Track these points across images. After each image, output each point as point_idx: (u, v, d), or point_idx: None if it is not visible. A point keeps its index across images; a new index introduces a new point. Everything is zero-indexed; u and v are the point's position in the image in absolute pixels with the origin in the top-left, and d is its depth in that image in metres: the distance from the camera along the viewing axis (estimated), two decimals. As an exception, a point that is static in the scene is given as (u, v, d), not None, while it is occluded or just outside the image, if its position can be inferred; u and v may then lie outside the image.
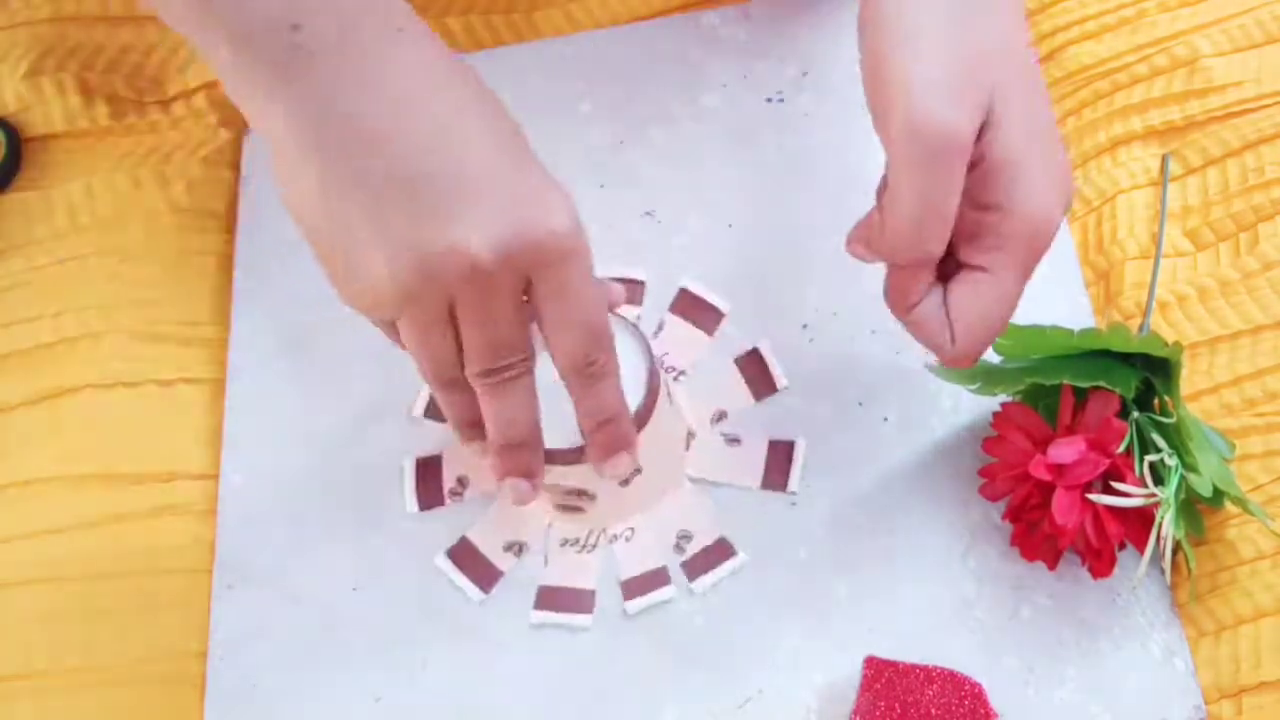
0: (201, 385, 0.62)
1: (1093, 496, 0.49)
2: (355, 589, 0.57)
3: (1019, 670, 0.52)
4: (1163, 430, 0.51)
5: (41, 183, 0.67)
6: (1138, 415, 0.51)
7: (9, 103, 0.68)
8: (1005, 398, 0.54)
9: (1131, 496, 0.49)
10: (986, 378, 0.53)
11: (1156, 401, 0.53)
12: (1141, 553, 0.50)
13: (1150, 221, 0.59)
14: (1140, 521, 0.50)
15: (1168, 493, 0.49)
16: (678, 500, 0.57)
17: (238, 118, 0.68)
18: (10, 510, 0.60)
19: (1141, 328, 0.56)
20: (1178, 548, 0.50)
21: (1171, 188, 0.60)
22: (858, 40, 0.46)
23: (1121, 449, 0.50)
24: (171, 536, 0.59)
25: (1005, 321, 0.47)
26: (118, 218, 0.66)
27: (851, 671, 0.52)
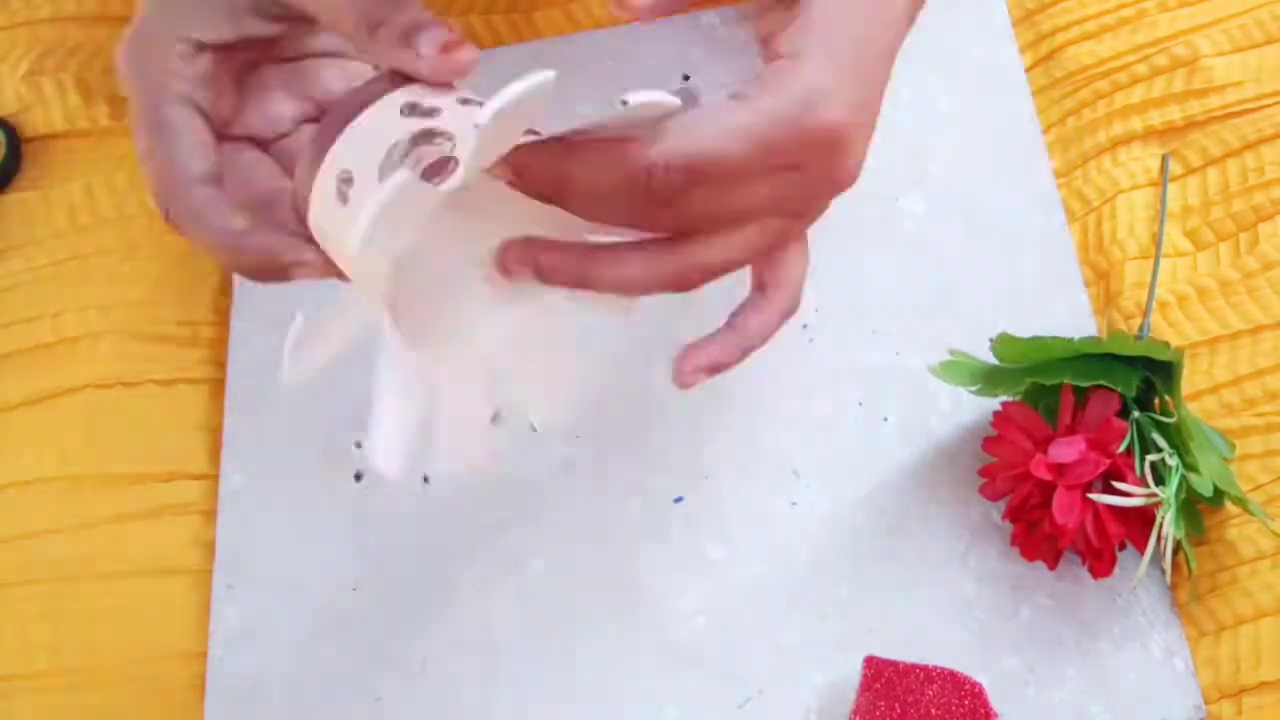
0: (201, 385, 0.62)
1: (1093, 496, 0.49)
2: (355, 589, 0.57)
3: (1019, 670, 0.52)
4: (1163, 430, 0.51)
5: (41, 183, 0.67)
6: (1138, 415, 0.51)
7: (9, 103, 0.68)
8: (1005, 397, 0.54)
9: (1132, 496, 0.49)
10: (987, 378, 0.53)
11: (1157, 401, 0.53)
12: (1142, 553, 0.50)
13: (1150, 221, 0.59)
14: (1140, 521, 0.50)
15: (1168, 492, 0.49)
16: None
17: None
18: (10, 510, 0.60)
19: (1142, 328, 0.56)
20: (1178, 548, 0.50)
21: (1171, 188, 0.60)
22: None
23: (1122, 449, 0.50)
24: (171, 536, 0.59)
25: None
26: (118, 218, 0.66)
27: (851, 671, 0.52)
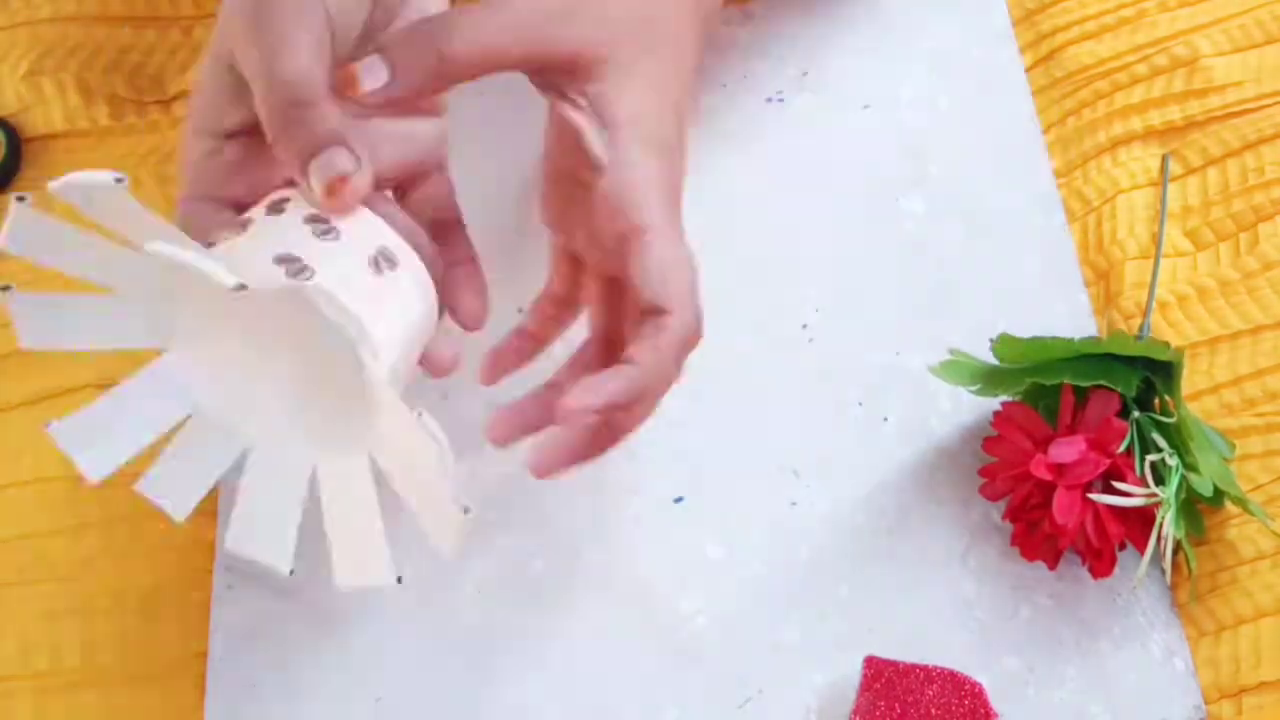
0: (201, 385, 0.62)
1: (1093, 496, 0.49)
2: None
3: (1019, 670, 0.52)
4: (1163, 430, 0.51)
5: (41, 183, 0.67)
6: (1138, 415, 0.51)
7: (9, 103, 0.68)
8: (1005, 397, 0.54)
9: (1132, 496, 0.49)
10: (987, 379, 0.53)
11: (1157, 401, 0.53)
12: (1141, 553, 0.50)
13: (1150, 221, 0.59)
14: (1140, 521, 0.50)
15: (1168, 492, 0.49)
16: None
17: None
18: (10, 510, 0.60)
19: (1142, 328, 0.56)
20: (1178, 548, 0.50)
21: (1171, 188, 0.60)
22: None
23: (1122, 448, 0.50)
24: (171, 536, 0.59)
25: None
26: (118, 218, 0.66)
27: (851, 671, 0.52)
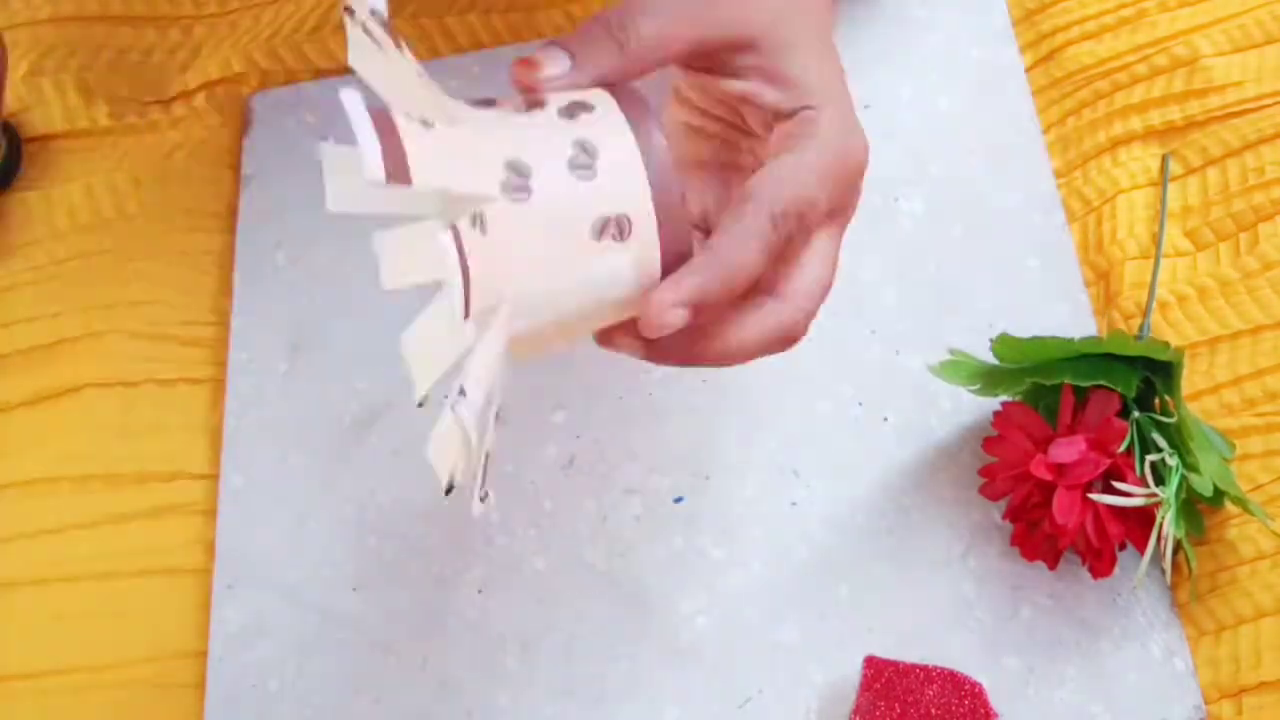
0: (201, 385, 0.62)
1: (1093, 496, 0.49)
2: (355, 589, 0.57)
3: (1019, 670, 0.52)
4: (1163, 430, 0.51)
5: (41, 183, 0.67)
6: (1138, 415, 0.51)
7: (9, 103, 0.68)
8: (1005, 397, 0.54)
9: (1132, 496, 0.49)
10: (987, 378, 0.53)
11: (1157, 401, 0.53)
12: (1141, 553, 0.50)
13: (1150, 221, 0.59)
14: (1140, 521, 0.50)
15: (1168, 492, 0.49)
16: None
17: (238, 118, 0.68)
18: (11, 510, 0.60)
19: (1142, 328, 0.56)
20: (1178, 547, 0.50)
21: (1171, 188, 0.60)
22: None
23: (1122, 449, 0.50)
24: (172, 536, 0.59)
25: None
26: (118, 218, 0.66)
27: (851, 671, 0.52)
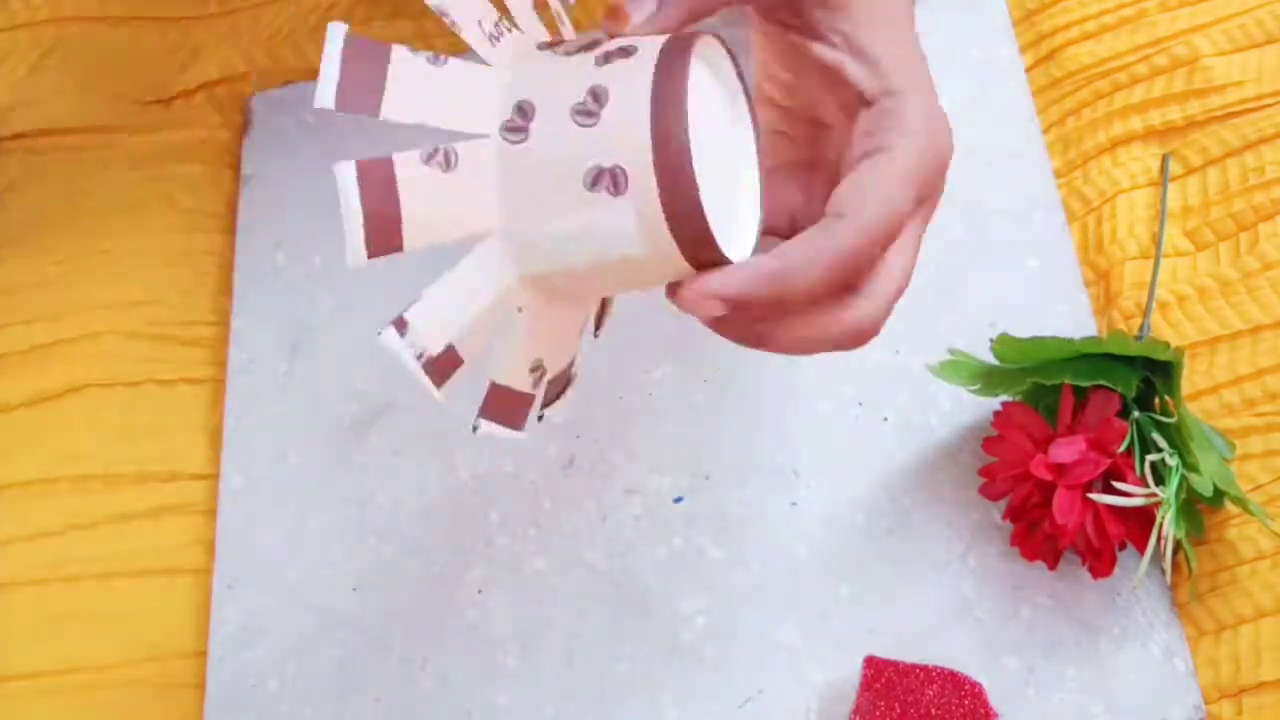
0: (201, 385, 0.62)
1: (1093, 496, 0.49)
2: (355, 589, 0.57)
3: (1019, 670, 0.52)
4: (1163, 430, 0.51)
5: (41, 183, 0.67)
6: (1138, 415, 0.51)
7: (9, 103, 0.68)
8: (1005, 397, 0.54)
9: (1132, 496, 0.49)
10: (987, 378, 0.53)
11: (1157, 401, 0.53)
12: (1142, 553, 0.50)
13: (1150, 221, 0.59)
14: (1140, 521, 0.50)
15: (1168, 492, 0.49)
16: None
17: (238, 118, 0.68)
18: (11, 510, 0.60)
19: (1142, 328, 0.56)
20: (1178, 547, 0.50)
21: (1171, 188, 0.60)
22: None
23: (1122, 448, 0.50)
24: (172, 536, 0.59)
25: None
26: (118, 218, 0.66)
27: (851, 671, 0.52)
